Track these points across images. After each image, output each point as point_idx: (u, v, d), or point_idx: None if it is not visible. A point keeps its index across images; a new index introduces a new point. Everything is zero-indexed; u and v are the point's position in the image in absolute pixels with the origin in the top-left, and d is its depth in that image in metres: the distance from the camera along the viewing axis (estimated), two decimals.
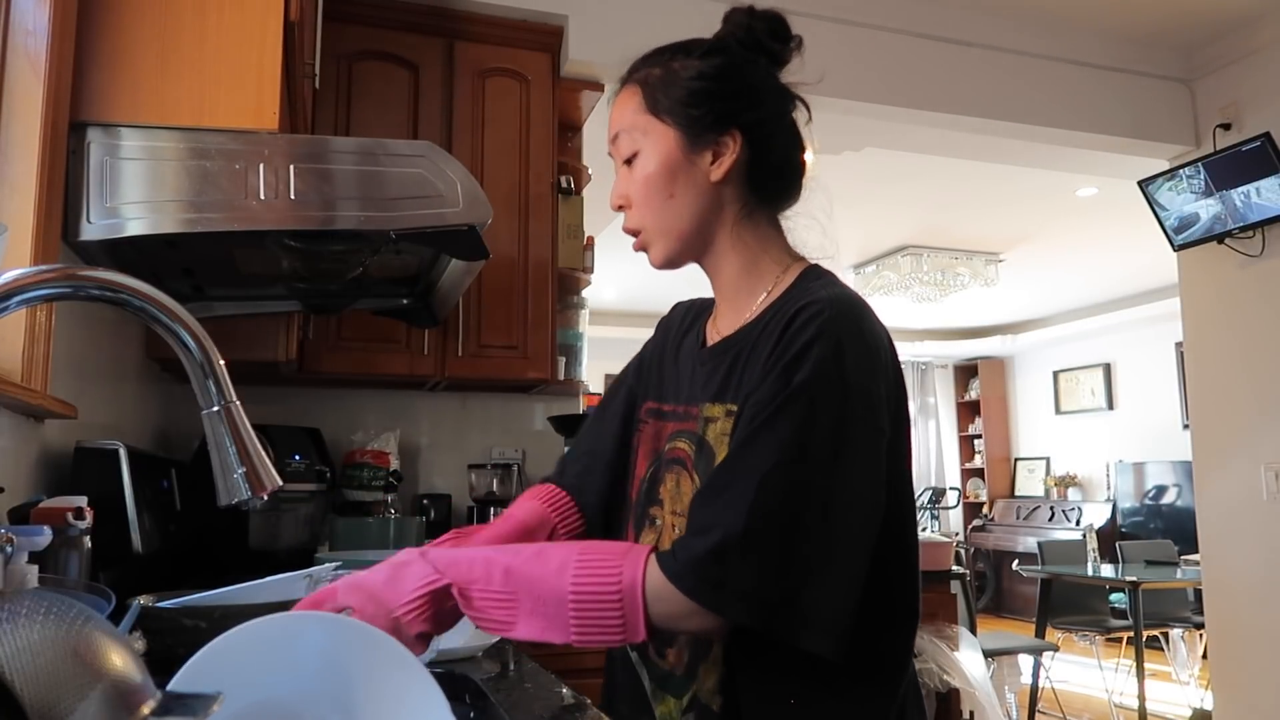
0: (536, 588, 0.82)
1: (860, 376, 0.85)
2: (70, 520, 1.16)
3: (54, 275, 0.64)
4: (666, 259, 0.99)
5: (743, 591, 0.80)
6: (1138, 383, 7.78)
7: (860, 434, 0.84)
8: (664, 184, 0.96)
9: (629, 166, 0.99)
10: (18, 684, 0.43)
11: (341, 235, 1.58)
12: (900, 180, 4.69)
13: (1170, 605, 5.03)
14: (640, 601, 0.81)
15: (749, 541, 0.80)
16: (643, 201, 0.97)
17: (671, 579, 0.80)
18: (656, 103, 0.97)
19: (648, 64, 1.00)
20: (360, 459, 2.63)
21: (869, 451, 0.85)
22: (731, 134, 0.95)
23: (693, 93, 0.95)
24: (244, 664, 0.69)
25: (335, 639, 0.73)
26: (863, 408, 0.85)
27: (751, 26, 0.98)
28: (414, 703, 0.72)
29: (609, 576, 0.81)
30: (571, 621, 0.81)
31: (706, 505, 0.84)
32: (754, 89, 0.98)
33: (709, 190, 0.96)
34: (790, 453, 0.82)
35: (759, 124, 0.97)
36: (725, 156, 0.96)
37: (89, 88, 1.42)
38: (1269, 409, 3.25)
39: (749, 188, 0.98)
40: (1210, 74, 3.48)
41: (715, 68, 0.97)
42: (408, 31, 2.68)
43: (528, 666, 1.25)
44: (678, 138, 0.96)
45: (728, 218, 0.98)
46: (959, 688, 2.70)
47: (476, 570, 0.83)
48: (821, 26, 3.04)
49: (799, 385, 0.83)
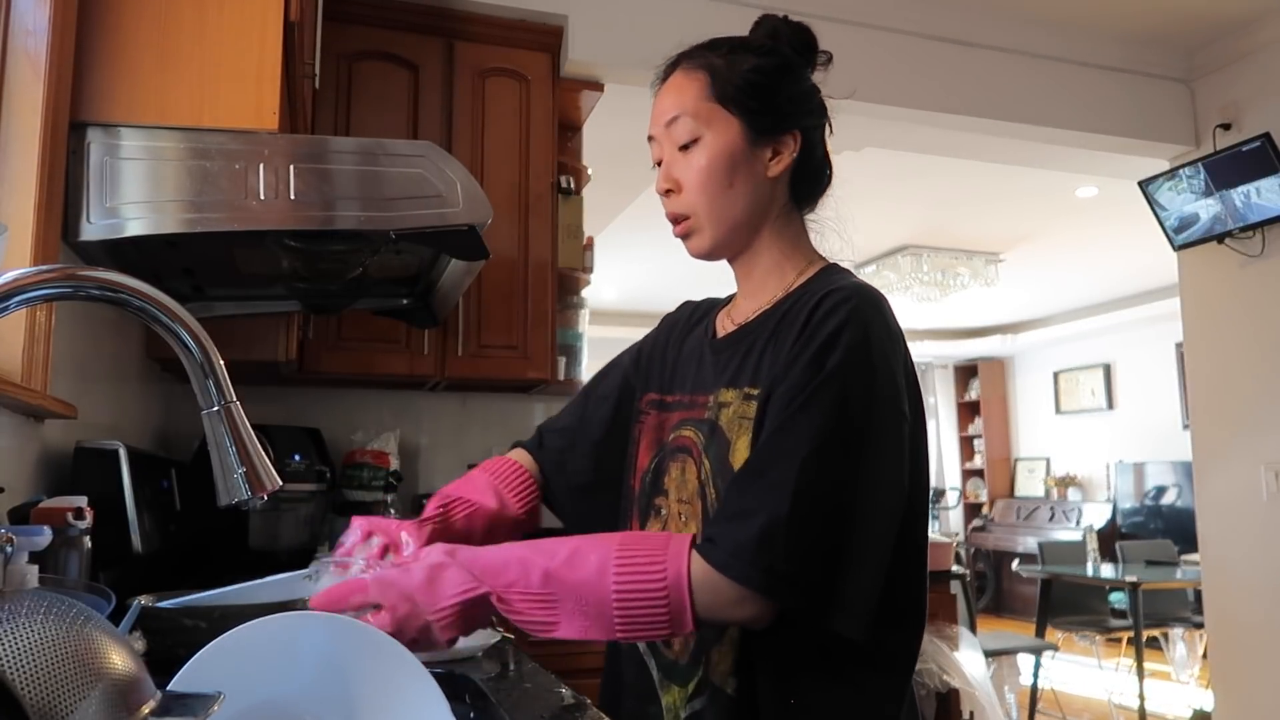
0: (578, 590, 0.82)
1: (885, 361, 0.87)
2: (70, 520, 1.16)
3: (54, 275, 0.64)
4: (713, 246, 1.00)
5: (792, 575, 0.81)
6: (1138, 383, 7.78)
7: (888, 416, 0.86)
8: (725, 173, 0.97)
9: (684, 152, 0.98)
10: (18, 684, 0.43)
11: (341, 235, 1.58)
12: (900, 180, 4.69)
13: (1170, 605, 5.03)
14: (687, 596, 0.81)
15: (794, 525, 0.81)
16: (698, 188, 0.98)
17: (719, 568, 0.81)
18: (724, 92, 0.97)
19: (711, 51, 1.00)
20: (360, 459, 2.63)
21: (895, 435, 0.87)
22: (794, 134, 0.99)
23: (756, 85, 0.97)
24: (244, 664, 0.69)
25: (335, 639, 0.73)
26: (889, 391, 0.87)
27: (778, 30, 1.02)
28: (414, 703, 0.73)
29: (654, 574, 0.81)
30: (616, 620, 0.81)
31: (745, 490, 0.84)
32: (808, 94, 1.02)
33: (765, 184, 0.99)
34: (827, 437, 0.83)
35: (812, 129, 1.01)
36: (785, 155, 0.99)
37: (89, 88, 1.42)
38: (1269, 409, 3.25)
39: (792, 187, 1.02)
40: (1210, 74, 3.48)
41: (776, 67, 0.99)
42: (408, 31, 2.68)
43: (528, 666, 1.25)
44: (742, 129, 0.97)
45: (773, 213, 1.01)
46: (959, 688, 2.70)
47: (512, 573, 0.83)
48: (822, 27, 3.03)
49: (832, 369, 0.85)
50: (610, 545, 0.84)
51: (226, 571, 1.34)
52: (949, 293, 6.36)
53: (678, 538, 0.84)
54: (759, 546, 0.80)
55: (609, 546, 0.84)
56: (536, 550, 0.85)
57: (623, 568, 0.82)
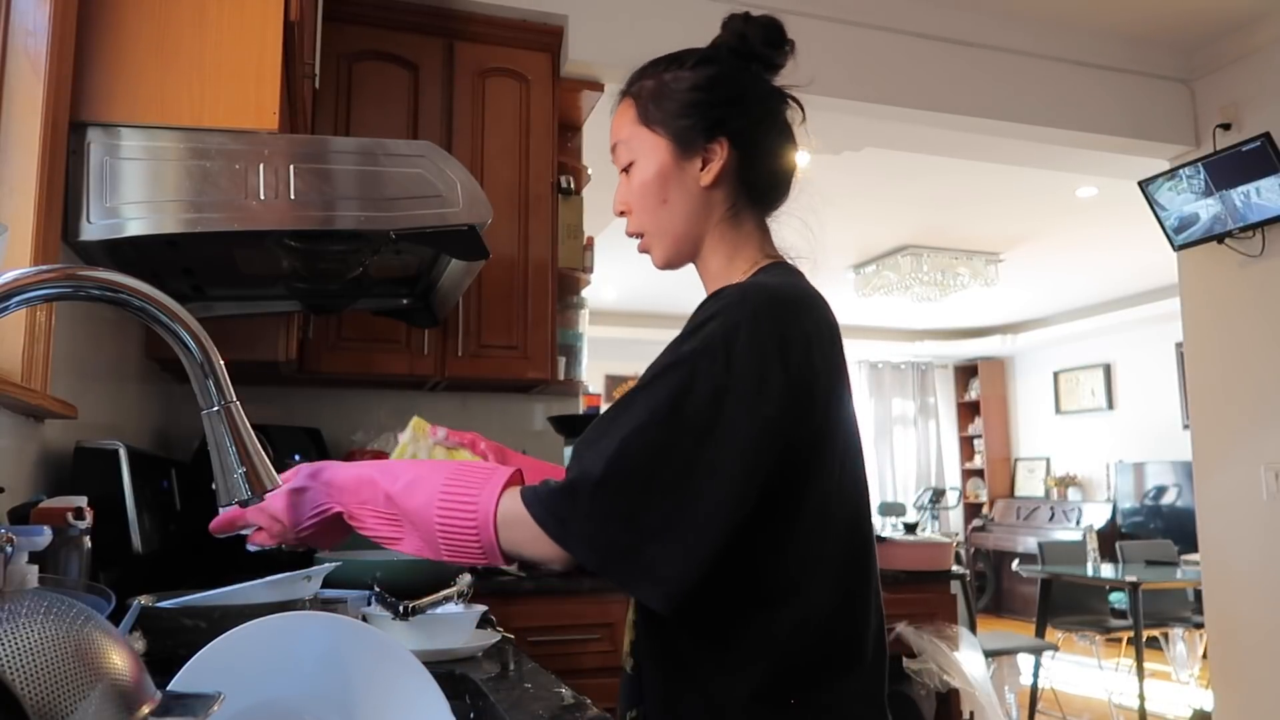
0: (413, 516, 0.91)
1: (752, 359, 0.87)
2: (70, 520, 1.16)
3: (54, 275, 0.64)
4: (666, 260, 1.06)
5: (585, 533, 0.85)
6: (1138, 383, 7.78)
7: (740, 414, 0.86)
8: (658, 190, 1.02)
9: (626, 175, 1.05)
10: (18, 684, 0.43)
11: (341, 235, 1.58)
12: (900, 180, 4.69)
13: (1170, 605, 5.03)
14: (493, 530, 0.88)
15: (600, 489, 0.84)
16: (639, 207, 1.04)
17: (525, 504, 0.88)
18: (648, 114, 1.03)
19: (642, 76, 1.06)
20: (360, 459, 2.63)
21: (746, 431, 0.86)
22: (719, 141, 1.00)
23: (682, 103, 1.01)
24: (244, 664, 0.69)
25: (335, 639, 0.74)
26: (748, 389, 0.86)
27: (746, 33, 1.03)
28: (414, 703, 0.73)
29: (467, 508, 0.89)
30: (441, 545, 0.91)
31: (576, 454, 0.90)
32: (741, 96, 1.03)
33: (699, 195, 1.02)
34: (659, 415, 0.86)
35: (745, 130, 1.02)
36: (714, 163, 1.01)
37: (89, 88, 1.42)
38: (1269, 409, 3.25)
39: (739, 189, 1.03)
40: (1210, 74, 3.48)
41: (705, 78, 1.02)
42: (408, 31, 2.68)
43: (528, 666, 1.25)
44: (669, 147, 1.01)
45: (715, 219, 1.03)
46: (959, 688, 2.70)
47: (365, 493, 0.95)
48: (822, 26, 3.04)
49: (684, 355, 0.88)
50: (439, 477, 0.92)
51: (226, 571, 1.34)
52: (949, 293, 6.36)
53: (497, 473, 0.92)
54: (562, 497, 0.86)
55: (439, 478, 0.92)
56: (385, 472, 0.96)
57: (444, 501, 0.90)
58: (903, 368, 9.33)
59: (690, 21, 2.95)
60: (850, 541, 0.95)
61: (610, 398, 8.08)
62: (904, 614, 2.73)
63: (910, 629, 2.71)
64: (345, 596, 1.41)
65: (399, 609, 1.24)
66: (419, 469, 0.95)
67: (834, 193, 4.88)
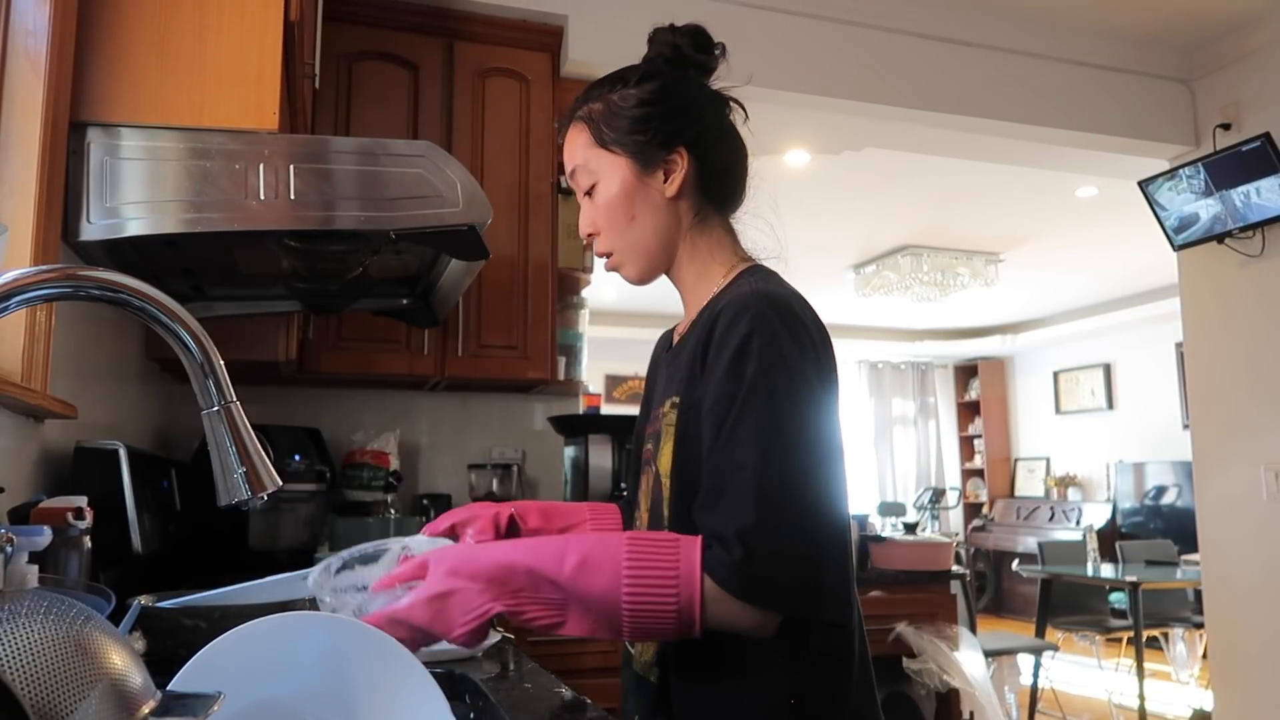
0: (592, 601, 0.84)
1: (797, 358, 0.91)
2: (70, 520, 1.16)
3: (54, 275, 0.64)
4: (639, 276, 1.08)
5: (781, 581, 0.84)
6: (1138, 383, 7.77)
7: (810, 411, 0.90)
8: (625, 208, 1.03)
9: (590, 197, 1.07)
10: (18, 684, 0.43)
11: (341, 235, 1.58)
12: (900, 180, 4.69)
13: (1170, 605, 5.03)
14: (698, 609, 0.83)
15: (766, 534, 0.83)
16: (608, 226, 1.05)
17: (718, 583, 0.83)
18: (603, 135, 1.05)
19: (588, 99, 1.08)
20: (360, 459, 2.63)
21: (817, 425, 0.90)
22: (678, 151, 1.03)
23: (635, 120, 1.03)
24: (244, 664, 0.69)
25: (335, 639, 0.74)
26: (804, 387, 0.90)
27: (676, 43, 1.06)
28: (414, 703, 0.73)
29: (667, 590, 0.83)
30: (628, 626, 0.84)
31: (711, 512, 0.87)
32: (690, 104, 1.05)
33: (666, 206, 1.04)
34: (769, 442, 0.87)
35: (701, 136, 1.04)
36: (676, 173, 1.03)
37: (89, 88, 1.42)
38: (1269, 409, 3.25)
39: (700, 196, 1.05)
40: (1210, 74, 3.48)
41: (651, 92, 1.04)
42: (408, 31, 2.68)
43: (528, 666, 1.25)
44: (629, 164, 1.03)
45: (684, 228, 1.05)
46: (959, 688, 2.70)
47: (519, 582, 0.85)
48: (823, 26, 3.04)
49: (754, 377, 0.88)
50: (618, 555, 0.85)
51: (226, 571, 1.34)
52: (949, 293, 6.36)
53: (685, 547, 0.85)
54: (745, 562, 0.83)
55: (618, 556, 0.85)
56: (537, 555, 0.86)
57: (635, 584, 0.83)
58: (903, 368, 9.33)
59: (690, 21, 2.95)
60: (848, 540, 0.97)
61: (610, 398, 8.07)
62: (904, 614, 2.74)
63: (910, 629, 2.71)
64: None
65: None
66: (581, 547, 0.87)
67: (834, 193, 4.88)
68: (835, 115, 3.19)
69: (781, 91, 2.97)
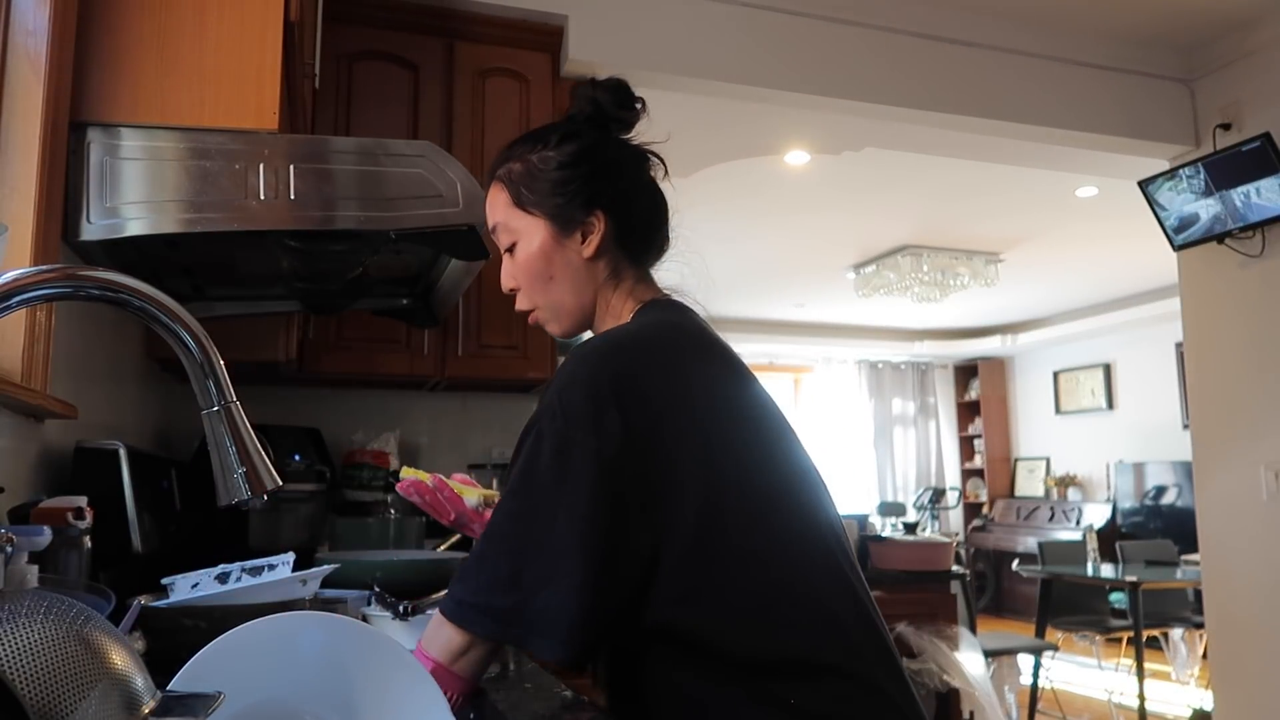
0: None
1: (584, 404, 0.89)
2: (70, 520, 1.16)
3: (54, 275, 0.64)
4: (563, 331, 1.10)
5: (476, 605, 0.87)
6: (1138, 383, 7.77)
7: (578, 458, 0.88)
8: (543, 268, 1.06)
9: (510, 254, 1.08)
10: (18, 684, 0.43)
11: (341, 235, 1.58)
12: (900, 180, 4.69)
13: (1170, 605, 5.03)
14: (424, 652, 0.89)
15: (481, 561, 0.89)
16: (528, 285, 1.08)
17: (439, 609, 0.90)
18: (521, 197, 1.06)
19: (508, 159, 1.08)
20: (360, 459, 2.63)
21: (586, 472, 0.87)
22: (595, 214, 1.04)
23: (553, 183, 1.04)
24: (244, 664, 0.69)
25: (335, 639, 0.74)
26: (580, 432, 0.88)
27: (596, 99, 1.07)
28: (414, 703, 0.73)
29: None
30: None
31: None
32: (609, 165, 1.06)
33: (582, 266, 1.06)
34: (517, 482, 0.90)
35: (619, 196, 1.06)
36: (593, 236, 1.05)
37: (89, 88, 1.42)
38: (1269, 409, 3.25)
39: (618, 252, 1.07)
40: (1210, 74, 3.48)
41: (570, 155, 1.05)
42: (408, 31, 2.68)
43: (528, 667, 1.25)
44: (547, 226, 1.05)
45: (600, 280, 1.07)
46: (959, 688, 2.70)
47: None
48: (823, 26, 3.04)
49: (531, 420, 0.92)
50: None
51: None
52: (949, 293, 6.36)
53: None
54: (455, 583, 0.90)
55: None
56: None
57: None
58: (903, 368, 9.33)
59: (690, 21, 2.96)
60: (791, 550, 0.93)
61: None
62: (904, 614, 2.74)
63: (910, 629, 2.71)
64: (345, 596, 1.41)
65: (399, 609, 1.24)
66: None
67: (834, 193, 4.88)
68: (835, 115, 3.19)
69: (781, 91, 2.97)
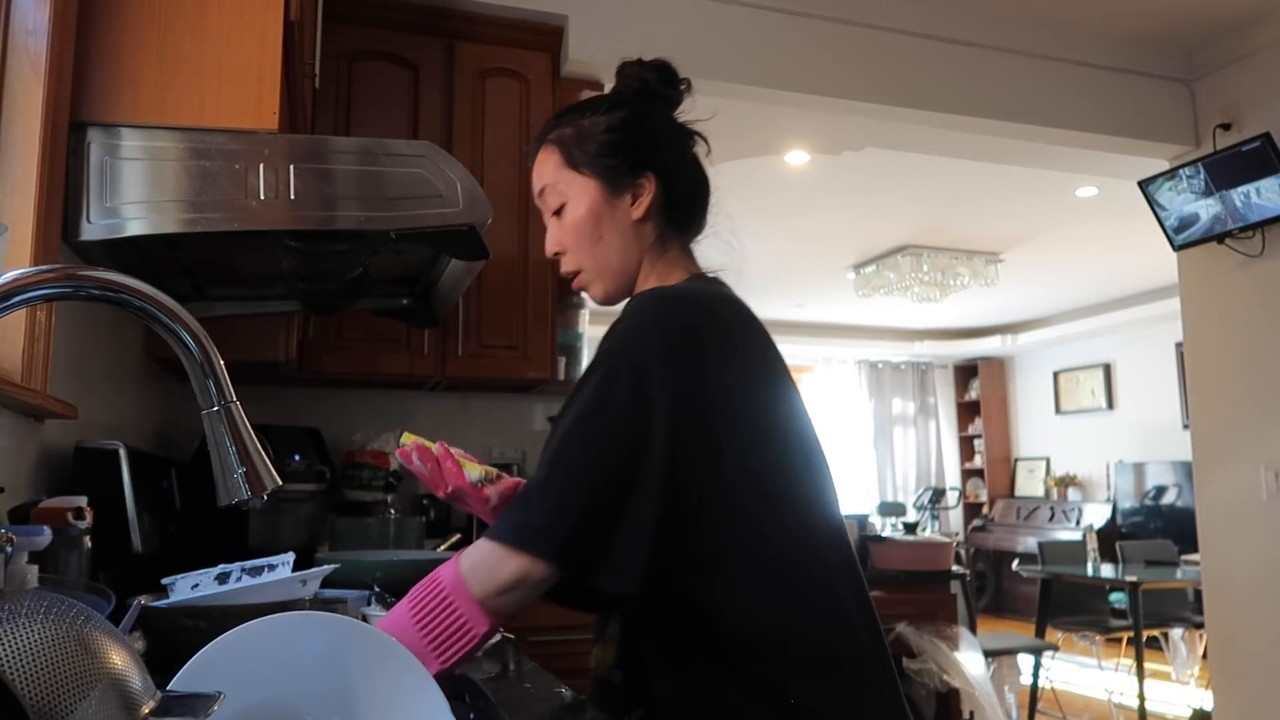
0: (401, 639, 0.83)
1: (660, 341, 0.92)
2: (70, 520, 1.16)
3: (54, 275, 0.64)
4: (606, 295, 1.11)
5: (545, 530, 0.87)
6: (1138, 383, 7.77)
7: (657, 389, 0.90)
8: (592, 228, 1.08)
9: (558, 217, 1.09)
10: (18, 684, 0.43)
11: (341, 235, 1.58)
12: (900, 180, 4.69)
13: (1170, 605, 5.03)
14: (462, 584, 0.88)
15: (549, 487, 0.89)
16: (575, 246, 1.09)
17: (487, 538, 0.88)
18: (573, 157, 1.08)
19: (559, 124, 1.11)
20: (360, 459, 2.63)
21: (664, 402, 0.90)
22: (647, 176, 1.07)
23: (604, 145, 1.07)
24: (244, 664, 0.69)
25: (335, 639, 0.74)
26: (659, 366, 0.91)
27: (645, 77, 1.10)
28: (414, 703, 0.73)
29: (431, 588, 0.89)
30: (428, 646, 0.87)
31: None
32: (657, 134, 1.10)
33: (631, 228, 1.08)
34: (586, 411, 0.90)
35: (666, 164, 1.09)
36: (644, 197, 1.07)
37: (89, 88, 1.42)
38: (1269, 409, 3.25)
39: (663, 220, 1.09)
40: (1210, 74, 3.48)
41: (621, 120, 1.08)
42: (408, 31, 2.68)
43: (528, 666, 1.25)
44: (599, 186, 1.07)
45: (646, 246, 1.09)
46: (959, 688, 2.70)
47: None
48: (823, 26, 3.04)
49: (602, 353, 0.94)
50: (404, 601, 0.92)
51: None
52: (949, 293, 6.36)
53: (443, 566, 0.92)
54: (518, 505, 0.90)
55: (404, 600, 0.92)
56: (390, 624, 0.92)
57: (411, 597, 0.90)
58: (902, 368, 9.33)
59: (690, 21, 2.96)
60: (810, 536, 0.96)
61: None
62: (904, 614, 2.74)
63: (910, 629, 2.71)
64: (345, 596, 1.41)
65: None
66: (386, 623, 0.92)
67: (834, 193, 4.88)
68: (835, 115, 3.19)
69: (781, 91, 2.97)
